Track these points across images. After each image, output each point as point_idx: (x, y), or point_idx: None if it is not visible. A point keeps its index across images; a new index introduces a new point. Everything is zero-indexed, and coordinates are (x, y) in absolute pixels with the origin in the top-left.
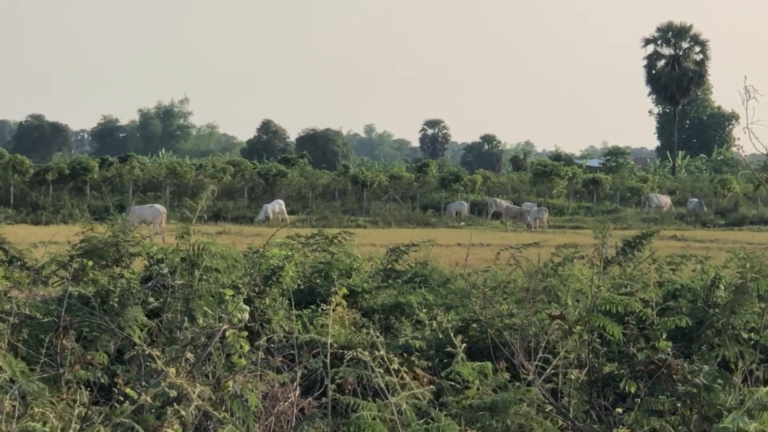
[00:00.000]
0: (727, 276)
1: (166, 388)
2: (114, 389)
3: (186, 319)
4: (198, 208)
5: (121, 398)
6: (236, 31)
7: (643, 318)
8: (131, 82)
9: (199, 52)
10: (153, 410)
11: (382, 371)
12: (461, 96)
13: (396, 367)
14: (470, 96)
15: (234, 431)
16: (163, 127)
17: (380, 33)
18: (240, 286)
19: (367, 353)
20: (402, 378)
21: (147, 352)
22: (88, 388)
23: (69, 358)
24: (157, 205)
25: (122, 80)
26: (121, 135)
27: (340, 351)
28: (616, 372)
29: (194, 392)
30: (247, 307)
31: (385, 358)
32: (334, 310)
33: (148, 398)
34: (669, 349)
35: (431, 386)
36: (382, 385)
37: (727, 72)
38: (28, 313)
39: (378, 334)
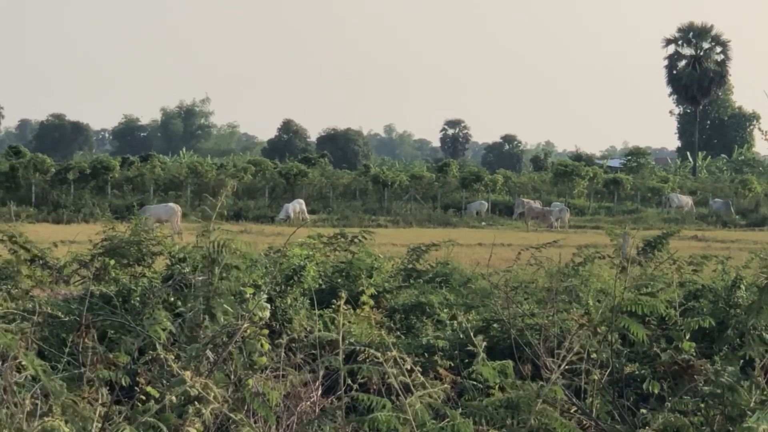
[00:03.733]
0: (749, 276)
1: (188, 387)
2: (136, 388)
3: (206, 317)
4: (218, 205)
5: (143, 397)
6: (257, 31)
7: (666, 318)
8: (152, 81)
9: (219, 51)
10: (174, 409)
11: (395, 371)
12: (482, 96)
13: (409, 367)
14: (491, 96)
15: None
16: (184, 126)
17: (401, 32)
18: (261, 284)
19: (380, 353)
20: (417, 377)
21: (164, 356)
22: (110, 388)
23: (91, 357)
24: (171, 204)
25: (143, 80)
26: (141, 134)
27: (362, 350)
28: (638, 372)
29: (211, 394)
30: (268, 306)
31: (398, 358)
32: (358, 308)
33: (173, 398)
34: (692, 350)
35: (445, 385)
36: (396, 385)
37: (748, 72)
38: (50, 311)
39: (399, 334)
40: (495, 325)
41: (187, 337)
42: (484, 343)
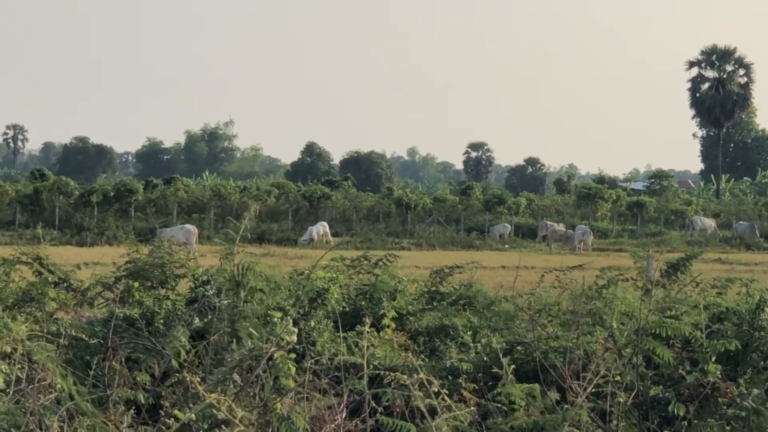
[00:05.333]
0: None
1: (214, 410)
2: (160, 411)
3: (234, 340)
4: (242, 227)
5: (168, 420)
6: (281, 54)
7: (691, 341)
8: (175, 104)
9: (243, 74)
10: None
11: (421, 394)
12: (505, 119)
13: (436, 390)
14: (514, 119)
15: None
16: (208, 149)
17: (423, 55)
18: (287, 308)
19: (406, 376)
20: (443, 400)
21: (189, 378)
22: (136, 409)
23: (117, 380)
24: (188, 225)
25: (166, 103)
26: (165, 157)
27: (386, 373)
28: (662, 395)
29: (237, 417)
30: (296, 329)
31: (425, 381)
32: (380, 331)
33: (193, 416)
34: (718, 372)
35: (472, 408)
36: (422, 408)
37: None
38: (74, 334)
39: (423, 356)
40: (519, 347)
41: (212, 360)
42: (512, 366)
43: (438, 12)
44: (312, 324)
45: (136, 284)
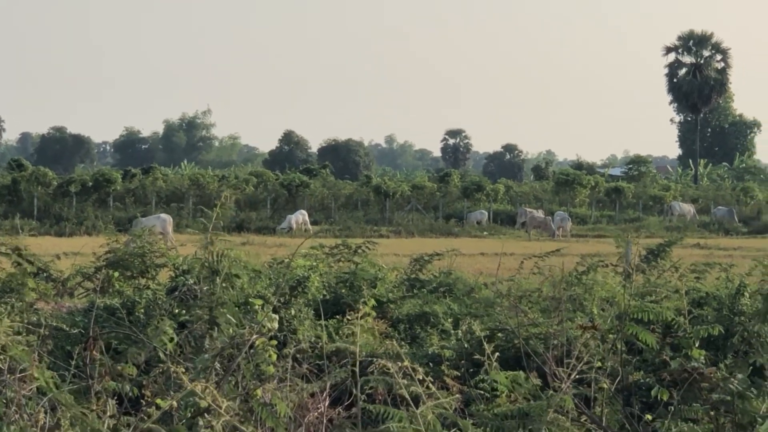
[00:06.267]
0: (752, 284)
1: (197, 399)
2: (143, 400)
3: (215, 328)
4: (213, 216)
5: (149, 409)
6: (258, 43)
7: (671, 326)
8: (153, 94)
9: (221, 63)
10: (184, 421)
11: (406, 381)
12: (483, 106)
13: (421, 377)
14: (492, 106)
15: None
16: (186, 138)
17: (401, 44)
18: (269, 296)
19: (392, 363)
20: (428, 387)
21: (173, 369)
22: (118, 400)
23: (98, 370)
24: (163, 215)
25: (144, 92)
26: (143, 147)
27: (369, 360)
28: (644, 380)
29: (222, 407)
30: (277, 317)
31: (409, 368)
32: (362, 319)
33: (175, 404)
34: (702, 358)
35: (457, 395)
36: (406, 396)
37: (749, 80)
38: (54, 324)
39: (404, 344)
40: (500, 334)
41: (192, 348)
42: (496, 354)
43: None
44: (293, 312)
45: (116, 274)
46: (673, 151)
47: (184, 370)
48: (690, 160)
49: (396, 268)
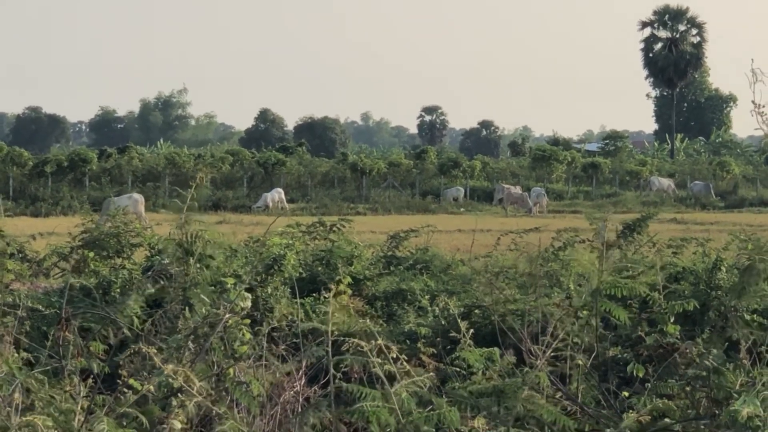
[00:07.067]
0: (729, 258)
1: (170, 379)
2: (118, 381)
3: (186, 308)
4: (189, 196)
5: (125, 389)
6: (233, 21)
7: (648, 301)
8: (128, 73)
9: (196, 41)
10: (157, 401)
11: (380, 360)
12: (458, 82)
13: (395, 355)
14: (467, 82)
15: (234, 426)
16: (162, 117)
17: (376, 21)
18: (242, 274)
19: (365, 342)
20: (402, 366)
21: (144, 349)
22: (92, 379)
23: (71, 350)
24: (135, 194)
25: (119, 72)
26: (118, 126)
27: (343, 339)
28: (621, 356)
29: (194, 387)
30: (249, 295)
31: (383, 347)
32: (336, 297)
33: (152, 388)
34: (677, 333)
35: (431, 374)
36: (380, 374)
37: (725, 54)
38: (30, 305)
39: (381, 321)
40: (477, 311)
41: (166, 328)
42: (471, 330)
43: None
44: (269, 291)
45: (92, 254)
46: (650, 126)
47: (155, 351)
48: (666, 135)
49: (372, 246)
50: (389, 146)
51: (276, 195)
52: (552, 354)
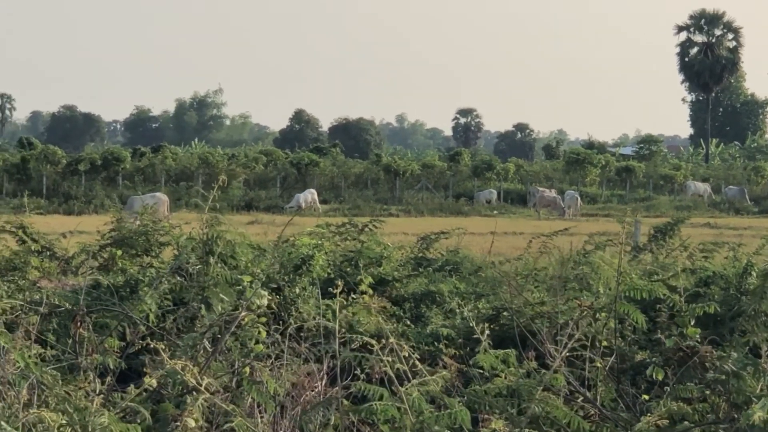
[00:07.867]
0: (760, 263)
1: (184, 378)
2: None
3: (203, 306)
4: (210, 197)
5: (138, 387)
6: (270, 21)
7: (674, 305)
8: (163, 72)
9: (232, 42)
10: (172, 399)
11: (391, 359)
12: (494, 85)
13: (406, 354)
14: (503, 85)
15: (242, 423)
16: (197, 117)
17: (413, 22)
18: (259, 273)
19: (375, 341)
20: (413, 365)
21: (153, 345)
22: (109, 376)
23: (86, 347)
24: (158, 194)
25: (155, 71)
26: (153, 125)
27: (360, 338)
28: (643, 360)
29: (202, 384)
30: (266, 293)
31: (395, 346)
32: (360, 297)
33: (154, 382)
34: (697, 336)
35: (445, 373)
36: (390, 373)
37: (761, 59)
38: (56, 302)
39: (408, 322)
40: (504, 313)
41: (185, 326)
42: (487, 332)
43: None
44: (297, 291)
45: (120, 252)
46: (685, 130)
47: (163, 347)
48: (701, 140)
49: (403, 247)
50: (424, 148)
51: (309, 196)
52: (572, 356)
